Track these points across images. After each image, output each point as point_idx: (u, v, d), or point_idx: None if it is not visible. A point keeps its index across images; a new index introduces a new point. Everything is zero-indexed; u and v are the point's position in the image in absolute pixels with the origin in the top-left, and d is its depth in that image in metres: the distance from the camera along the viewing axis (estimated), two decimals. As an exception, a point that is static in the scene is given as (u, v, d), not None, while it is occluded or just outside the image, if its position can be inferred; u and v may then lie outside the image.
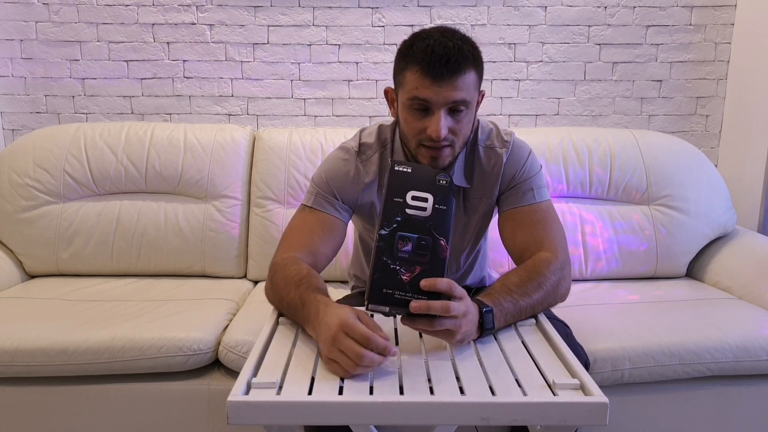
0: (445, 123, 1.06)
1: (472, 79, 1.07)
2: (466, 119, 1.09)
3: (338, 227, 1.20)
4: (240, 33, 2.12)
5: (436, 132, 1.06)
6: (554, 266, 1.08)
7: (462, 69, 1.04)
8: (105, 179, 1.81)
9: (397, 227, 0.88)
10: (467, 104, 1.07)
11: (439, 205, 0.90)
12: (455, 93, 1.05)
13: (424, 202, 0.90)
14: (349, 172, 1.21)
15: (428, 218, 0.89)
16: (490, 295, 0.99)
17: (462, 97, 1.05)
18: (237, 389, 0.79)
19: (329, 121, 2.17)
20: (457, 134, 1.09)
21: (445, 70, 1.03)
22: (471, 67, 1.06)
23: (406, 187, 0.90)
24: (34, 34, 2.09)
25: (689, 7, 2.16)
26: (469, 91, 1.07)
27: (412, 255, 0.88)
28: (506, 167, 1.21)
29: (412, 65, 1.06)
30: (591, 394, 0.79)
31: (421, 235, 0.88)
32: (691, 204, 1.79)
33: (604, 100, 2.21)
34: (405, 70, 1.08)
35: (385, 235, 0.88)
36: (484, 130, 1.23)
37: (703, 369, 1.35)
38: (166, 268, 1.80)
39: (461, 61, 1.04)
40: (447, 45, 1.04)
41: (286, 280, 1.03)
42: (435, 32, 1.07)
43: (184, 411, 1.37)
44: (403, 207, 0.89)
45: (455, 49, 1.04)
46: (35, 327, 1.39)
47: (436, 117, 1.06)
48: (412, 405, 0.77)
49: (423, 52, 1.04)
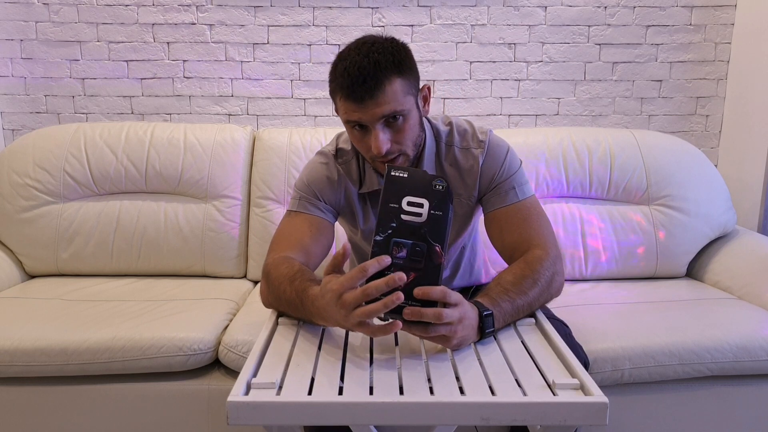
0: (384, 137, 1.07)
1: (398, 87, 1.05)
2: (406, 125, 1.09)
3: (326, 227, 1.21)
4: (240, 33, 2.12)
5: (377, 150, 1.07)
6: (547, 262, 1.08)
7: (381, 83, 1.03)
8: (105, 179, 1.81)
9: (392, 233, 0.87)
10: (401, 112, 1.07)
11: (434, 210, 0.88)
12: (381, 108, 1.04)
13: (419, 208, 0.88)
14: (329, 175, 1.23)
15: (423, 224, 0.87)
16: (487, 296, 0.99)
17: (391, 110, 1.05)
18: (237, 389, 0.79)
19: (329, 121, 2.17)
20: (402, 141, 1.10)
21: (363, 91, 1.03)
22: (393, 76, 1.04)
23: (402, 193, 0.89)
24: (34, 34, 2.09)
25: (689, 7, 2.16)
26: (398, 99, 1.06)
27: (406, 261, 0.87)
28: (484, 168, 1.20)
29: (337, 91, 1.07)
30: (591, 394, 0.79)
31: (416, 241, 0.87)
32: (691, 204, 1.79)
33: (604, 100, 2.21)
34: (334, 94, 1.09)
35: (380, 241, 0.87)
36: (459, 131, 1.23)
37: (703, 369, 1.35)
38: (166, 268, 1.80)
39: (379, 75, 1.03)
40: (362, 64, 1.03)
41: (280, 278, 1.04)
42: (353, 51, 1.06)
43: (184, 411, 1.37)
44: (398, 213, 0.88)
45: (371, 65, 1.03)
46: (35, 327, 1.39)
47: (374, 135, 1.07)
48: (412, 405, 0.77)
49: (342, 77, 1.05)
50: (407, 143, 1.11)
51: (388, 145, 1.07)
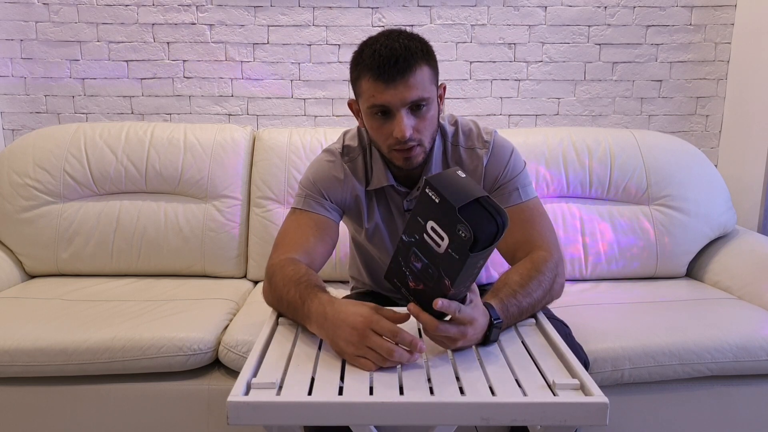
0: (409, 123, 1.07)
1: (426, 75, 1.06)
2: (429, 115, 1.09)
3: (331, 226, 1.20)
4: (240, 33, 2.12)
5: (401, 133, 1.06)
6: (551, 264, 1.09)
7: (412, 66, 1.04)
8: (105, 179, 1.81)
9: (414, 243, 0.86)
10: (426, 100, 1.07)
11: (452, 251, 0.81)
12: (411, 92, 1.05)
13: (440, 239, 0.82)
14: (335, 173, 1.22)
15: (440, 255, 0.83)
16: (497, 298, 0.99)
17: (419, 95, 1.06)
18: (237, 389, 0.79)
19: (329, 121, 2.17)
20: (423, 131, 1.10)
21: (395, 71, 1.03)
22: (422, 63, 1.06)
23: (429, 215, 0.83)
24: (34, 34, 2.09)
25: (689, 7, 2.16)
26: (426, 86, 1.06)
27: (419, 273, 0.87)
28: (488, 169, 1.20)
29: (365, 73, 1.06)
30: (591, 394, 0.79)
31: (430, 263, 0.85)
32: (691, 204, 1.79)
33: (604, 100, 2.21)
34: (359, 79, 1.09)
35: (406, 242, 0.87)
36: (464, 131, 1.23)
37: (703, 369, 1.35)
38: (166, 268, 1.80)
39: (410, 58, 1.04)
40: (393, 46, 1.04)
41: (284, 279, 1.03)
42: (381, 36, 1.07)
43: (184, 411, 1.37)
44: (422, 230, 0.85)
45: (402, 48, 1.04)
46: (35, 327, 1.39)
47: (398, 119, 1.06)
48: (412, 405, 0.77)
49: (371, 58, 1.04)
50: (426, 134, 1.11)
51: (410, 131, 1.07)
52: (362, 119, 1.16)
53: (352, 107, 1.19)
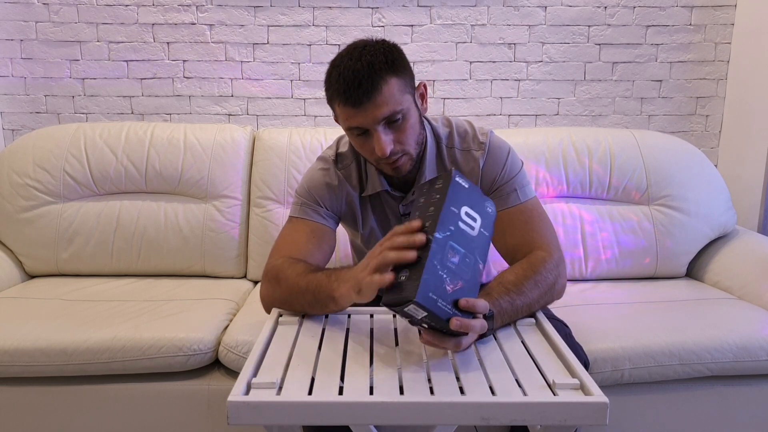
0: (387, 138, 1.07)
1: (394, 88, 1.05)
2: (407, 125, 1.09)
3: (328, 234, 1.21)
4: (240, 33, 2.12)
5: (381, 151, 1.07)
6: (550, 264, 1.08)
7: (377, 84, 1.03)
8: (105, 179, 1.81)
9: (449, 235, 0.87)
10: (400, 112, 1.07)
11: (484, 229, 0.90)
12: (381, 110, 1.04)
13: (473, 222, 0.90)
14: (329, 181, 1.23)
15: (474, 238, 0.89)
16: (488, 296, 0.99)
17: (389, 110, 1.05)
18: (237, 389, 0.79)
19: (329, 121, 2.17)
20: (405, 141, 1.10)
21: (361, 93, 1.03)
22: (387, 77, 1.04)
23: (462, 201, 0.90)
24: (34, 34, 2.09)
25: (689, 7, 2.16)
26: (396, 99, 1.05)
27: (457, 268, 0.86)
28: (485, 170, 1.20)
29: (335, 97, 1.07)
30: (591, 394, 0.79)
31: (467, 251, 0.88)
32: (691, 204, 1.79)
33: (604, 100, 2.21)
34: (332, 101, 1.09)
35: (440, 240, 0.86)
36: (459, 133, 1.22)
37: (703, 369, 1.35)
38: (166, 268, 1.80)
39: (374, 76, 1.03)
40: (355, 68, 1.03)
41: (297, 270, 1.06)
42: (345, 57, 1.06)
43: (184, 411, 1.37)
44: (456, 219, 0.88)
45: (365, 67, 1.03)
46: (35, 327, 1.39)
47: (376, 137, 1.07)
48: (412, 405, 0.77)
49: (337, 83, 1.05)
50: (409, 142, 1.11)
51: (391, 146, 1.07)
52: None
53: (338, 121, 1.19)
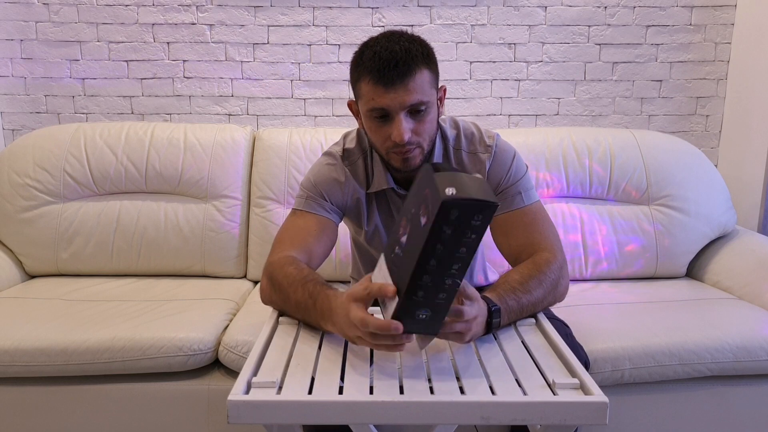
0: (407, 126, 1.07)
1: (426, 78, 1.06)
2: (428, 118, 1.09)
3: (330, 227, 1.21)
4: (240, 33, 2.12)
5: (399, 137, 1.06)
6: (554, 265, 1.09)
7: (412, 70, 1.04)
8: (105, 179, 1.81)
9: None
10: (426, 104, 1.07)
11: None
12: (410, 96, 1.04)
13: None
14: (336, 176, 1.23)
15: None
16: (495, 292, 1.00)
17: (418, 99, 1.05)
18: (237, 389, 0.79)
19: (329, 121, 2.17)
20: (422, 134, 1.10)
21: (395, 75, 1.03)
22: (422, 66, 1.05)
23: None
24: (34, 34, 2.09)
25: (689, 7, 2.16)
26: (425, 90, 1.06)
27: None
28: (490, 173, 1.20)
29: (364, 75, 1.06)
30: (591, 393, 0.79)
31: None
32: (691, 204, 1.79)
33: (604, 100, 2.21)
34: (359, 81, 1.08)
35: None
36: (466, 135, 1.23)
37: (703, 369, 1.35)
38: (166, 268, 1.80)
39: (410, 62, 1.03)
40: (394, 49, 1.03)
41: (288, 278, 1.04)
42: (382, 38, 1.06)
43: (184, 411, 1.37)
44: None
45: (403, 51, 1.03)
46: (35, 327, 1.39)
47: (397, 122, 1.06)
48: (412, 405, 0.77)
49: (371, 61, 1.04)
50: (425, 136, 1.11)
51: (409, 135, 1.07)
52: (361, 120, 1.16)
53: (352, 108, 1.19)
